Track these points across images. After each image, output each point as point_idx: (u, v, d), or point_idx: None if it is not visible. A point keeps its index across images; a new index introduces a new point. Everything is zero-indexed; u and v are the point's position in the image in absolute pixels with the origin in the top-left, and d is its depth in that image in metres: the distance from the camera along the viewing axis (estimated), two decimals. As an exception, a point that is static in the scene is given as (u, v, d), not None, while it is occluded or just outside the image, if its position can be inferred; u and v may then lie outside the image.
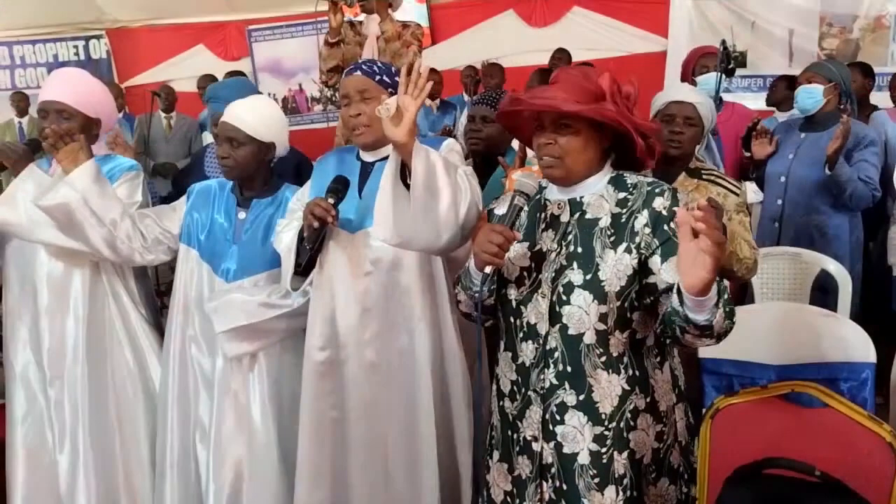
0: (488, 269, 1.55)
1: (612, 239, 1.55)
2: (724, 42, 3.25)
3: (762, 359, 2.29)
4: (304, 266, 2.01)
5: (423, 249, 1.88)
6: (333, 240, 2.02)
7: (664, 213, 1.54)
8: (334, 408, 2.05)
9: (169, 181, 5.44)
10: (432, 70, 6.12)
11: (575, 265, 1.56)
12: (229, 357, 2.14)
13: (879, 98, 4.51)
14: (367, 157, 2.06)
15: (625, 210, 1.57)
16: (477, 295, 1.62)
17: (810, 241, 3.16)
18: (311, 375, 2.06)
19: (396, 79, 1.92)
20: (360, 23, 3.91)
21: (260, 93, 2.58)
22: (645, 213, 1.55)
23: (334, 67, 3.75)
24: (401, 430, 2.04)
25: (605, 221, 1.57)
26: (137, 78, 7.84)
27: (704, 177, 2.35)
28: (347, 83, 1.99)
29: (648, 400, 1.59)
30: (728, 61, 3.27)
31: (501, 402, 1.71)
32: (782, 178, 3.24)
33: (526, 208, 1.62)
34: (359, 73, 1.98)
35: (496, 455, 1.73)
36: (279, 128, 2.21)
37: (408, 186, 1.73)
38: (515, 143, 2.59)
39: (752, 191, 4.20)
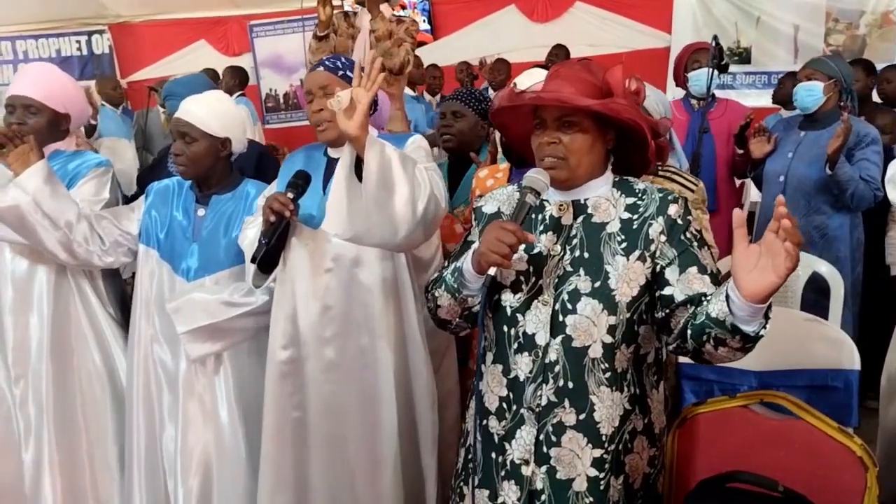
0: (492, 271, 1.40)
1: (623, 245, 1.45)
2: (716, 37, 3.18)
3: (743, 364, 2.20)
4: (268, 263, 1.97)
5: (378, 245, 1.83)
6: (296, 236, 1.99)
7: (679, 221, 1.45)
8: (297, 408, 2.01)
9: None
10: (433, 65, 6.09)
11: (581, 271, 1.45)
12: (193, 358, 2.10)
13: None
14: (335, 153, 2.01)
15: (636, 216, 1.46)
16: (470, 299, 1.50)
17: (810, 242, 3.07)
18: (274, 375, 2.02)
19: None
20: (355, 14, 3.85)
21: (216, 88, 2.53)
22: (660, 220, 1.44)
23: None
24: (362, 430, 2.01)
25: (613, 227, 1.46)
26: (139, 73, 7.84)
27: (660, 173, 2.29)
28: (310, 79, 1.95)
29: (646, 421, 1.50)
30: (720, 57, 3.20)
31: (485, 421, 1.54)
32: (781, 178, 3.15)
33: (536, 206, 1.48)
34: (321, 68, 1.95)
35: (474, 480, 1.56)
36: (233, 122, 2.16)
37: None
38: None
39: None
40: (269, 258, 1.95)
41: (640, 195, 1.49)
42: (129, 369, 2.27)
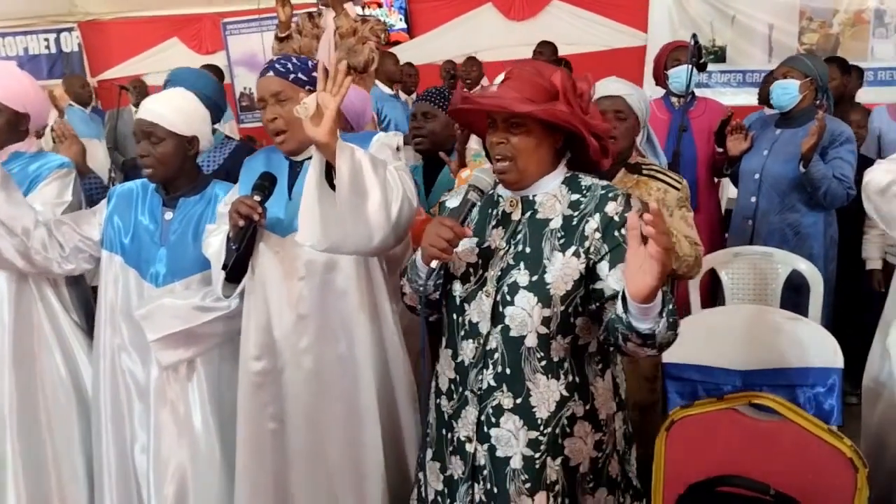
0: (434, 264, 1.50)
1: (561, 241, 1.50)
2: (695, 36, 3.16)
3: (727, 364, 2.21)
4: (235, 270, 1.91)
5: (353, 253, 1.79)
6: (264, 243, 1.92)
7: (616, 218, 1.49)
8: (273, 419, 1.96)
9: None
10: (408, 64, 6.05)
11: (521, 265, 1.51)
12: (164, 366, 2.03)
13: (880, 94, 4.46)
14: (295, 156, 1.96)
15: (577, 213, 1.52)
16: (422, 289, 1.57)
17: (784, 239, 3.08)
18: (248, 387, 1.96)
19: (314, 74, 1.83)
20: (319, 14, 3.80)
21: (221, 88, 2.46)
22: (597, 217, 1.49)
23: None
24: (344, 439, 1.95)
25: (556, 223, 1.52)
26: (110, 72, 7.73)
27: (644, 172, 2.27)
28: (261, 85, 1.87)
29: (588, 407, 1.55)
30: (699, 55, 3.18)
31: (439, 400, 1.66)
32: (756, 176, 3.15)
33: (479, 204, 1.57)
34: (271, 73, 1.86)
35: (430, 453, 1.69)
36: (200, 120, 2.09)
37: (334, 187, 1.64)
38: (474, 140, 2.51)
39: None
40: (237, 265, 1.89)
41: (583, 192, 1.54)
42: (94, 379, 2.19)
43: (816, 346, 2.14)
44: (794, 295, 2.85)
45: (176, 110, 2.03)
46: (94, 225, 2.14)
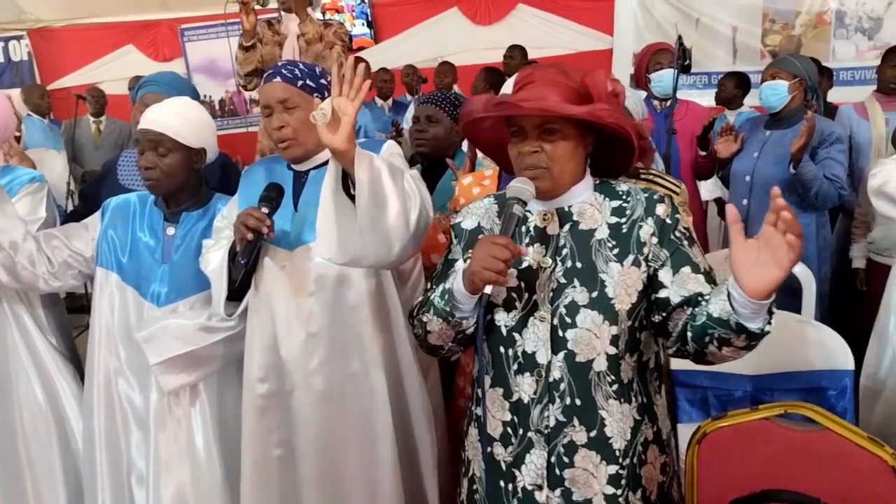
0: (488, 290, 1.32)
1: (615, 251, 1.38)
2: (680, 38, 3.16)
3: (737, 369, 2.17)
4: (238, 288, 1.81)
5: (374, 265, 1.70)
6: (269, 258, 1.82)
7: (668, 221, 1.39)
8: (280, 445, 1.85)
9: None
10: (383, 69, 5.97)
11: (576, 282, 1.38)
12: (167, 391, 1.91)
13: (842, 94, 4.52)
14: (299, 165, 1.87)
15: (624, 219, 1.40)
16: (465, 322, 1.41)
17: (777, 241, 3.07)
18: (252, 411, 1.85)
19: (322, 81, 1.78)
20: (279, 21, 3.71)
21: (197, 94, 2.36)
22: (649, 221, 1.39)
23: (252, 71, 3.57)
24: (359, 462, 1.86)
25: (602, 233, 1.40)
26: (63, 80, 7.42)
27: (642, 176, 2.24)
28: (266, 91, 1.79)
29: (654, 429, 1.44)
30: (684, 58, 3.18)
31: (490, 449, 1.45)
32: (747, 178, 3.13)
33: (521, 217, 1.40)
34: (278, 79, 1.78)
35: None
36: (208, 132, 1.99)
37: (351, 197, 1.56)
38: (464, 144, 2.45)
39: (706, 189, 4.14)
40: (240, 284, 1.79)
41: (624, 197, 1.43)
42: (87, 406, 2.05)
43: (827, 349, 2.12)
44: (789, 297, 2.85)
45: (185, 121, 1.92)
46: (87, 240, 2.01)
